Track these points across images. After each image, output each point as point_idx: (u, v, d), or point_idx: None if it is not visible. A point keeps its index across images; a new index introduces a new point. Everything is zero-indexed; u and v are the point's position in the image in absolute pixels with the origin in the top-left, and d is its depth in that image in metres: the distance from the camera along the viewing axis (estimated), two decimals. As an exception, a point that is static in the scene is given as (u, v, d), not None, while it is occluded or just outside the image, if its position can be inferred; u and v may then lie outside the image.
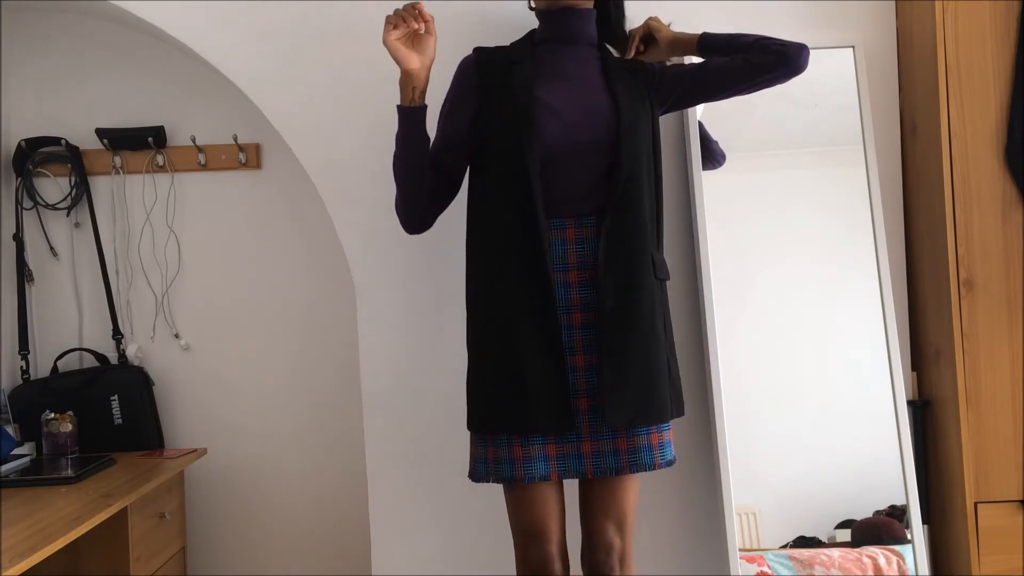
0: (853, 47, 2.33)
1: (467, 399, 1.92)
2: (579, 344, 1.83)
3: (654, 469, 1.85)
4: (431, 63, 1.86)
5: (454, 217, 2.05)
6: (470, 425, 1.90)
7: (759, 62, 1.92)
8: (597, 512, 1.87)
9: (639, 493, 1.94)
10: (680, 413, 1.94)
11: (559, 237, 1.84)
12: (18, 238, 2.80)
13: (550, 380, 1.79)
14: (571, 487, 1.95)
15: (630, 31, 2.06)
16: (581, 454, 1.82)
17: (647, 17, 2.09)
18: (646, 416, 1.84)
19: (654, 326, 1.86)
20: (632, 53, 2.04)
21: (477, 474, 1.87)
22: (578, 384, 1.83)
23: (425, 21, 1.83)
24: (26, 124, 2.81)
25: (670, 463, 1.89)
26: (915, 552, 2.19)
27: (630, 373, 1.82)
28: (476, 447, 1.88)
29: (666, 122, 2.37)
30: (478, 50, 1.98)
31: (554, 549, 1.85)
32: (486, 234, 1.88)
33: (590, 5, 1.96)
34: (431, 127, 1.96)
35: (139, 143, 2.80)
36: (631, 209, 1.84)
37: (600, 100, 1.87)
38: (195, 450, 2.73)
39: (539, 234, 1.79)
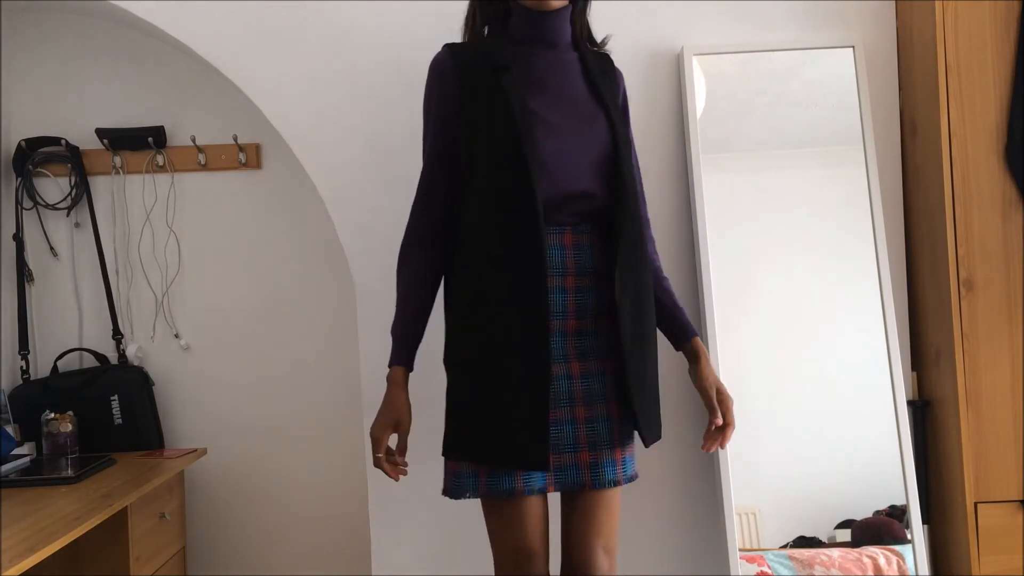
0: (853, 47, 2.33)
1: (446, 421, 1.81)
2: (573, 352, 1.77)
3: (632, 481, 1.82)
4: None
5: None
6: (445, 451, 1.80)
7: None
8: (587, 532, 1.78)
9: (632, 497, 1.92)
10: None
11: (557, 242, 1.76)
12: (18, 238, 2.80)
13: (532, 411, 1.69)
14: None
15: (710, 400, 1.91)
16: (579, 464, 1.76)
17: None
18: (657, 433, 1.84)
19: (655, 340, 1.85)
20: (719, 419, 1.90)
21: (462, 490, 1.75)
22: (574, 392, 1.77)
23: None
24: (26, 124, 2.82)
25: (636, 475, 1.85)
26: (915, 552, 2.19)
27: (649, 390, 1.80)
28: (459, 463, 1.78)
29: (664, 120, 2.37)
30: (452, 47, 1.85)
31: (543, 566, 1.77)
32: (476, 249, 1.76)
33: (568, 1, 1.84)
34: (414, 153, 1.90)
35: (139, 143, 2.80)
36: (637, 221, 1.80)
37: (593, 113, 1.80)
38: (195, 450, 2.73)
39: (540, 258, 1.69)
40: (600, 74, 1.86)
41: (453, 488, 1.79)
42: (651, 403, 1.81)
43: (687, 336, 1.94)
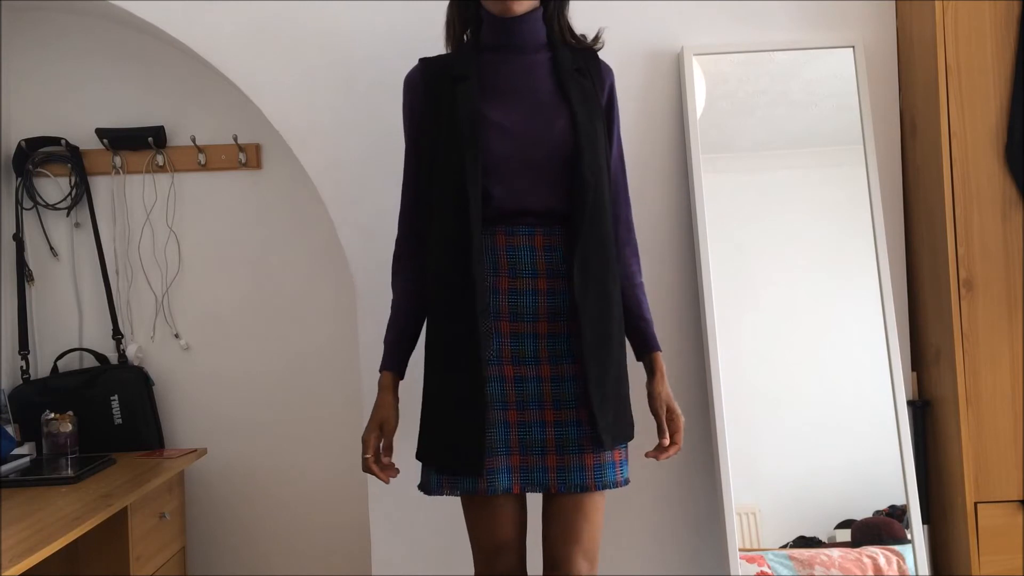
0: (853, 47, 2.33)
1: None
2: (544, 354, 1.78)
3: (616, 487, 1.79)
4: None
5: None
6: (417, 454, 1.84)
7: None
8: (565, 538, 1.78)
9: (631, 498, 1.91)
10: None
11: (527, 243, 1.78)
12: (18, 238, 2.80)
13: (466, 418, 1.72)
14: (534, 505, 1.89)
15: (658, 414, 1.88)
16: (546, 467, 1.75)
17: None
18: (623, 434, 1.81)
19: (622, 342, 1.84)
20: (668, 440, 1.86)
21: (430, 487, 1.79)
22: (544, 395, 1.77)
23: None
24: (26, 124, 2.82)
25: (627, 482, 1.83)
26: (915, 552, 2.19)
27: (610, 393, 1.78)
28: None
29: (664, 120, 2.37)
30: (424, 61, 1.90)
31: (518, 562, 1.80)
32: (431, 254, 1.83)
33: (536, 3, 1.83)
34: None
35: (139, 143, 2.80)
36: (600, 222, 1.79)
37: (556, 113, 1.79)
38: (195, 450, 2.73)
39: (471, 266, 1.72)
40: (572, 73, 1.84)
41: (425, 483, 1.83)
42: (612, 406, 1.78)
43: (647, 349, 1.92)
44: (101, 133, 2.79)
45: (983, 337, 2.14)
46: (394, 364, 1.87)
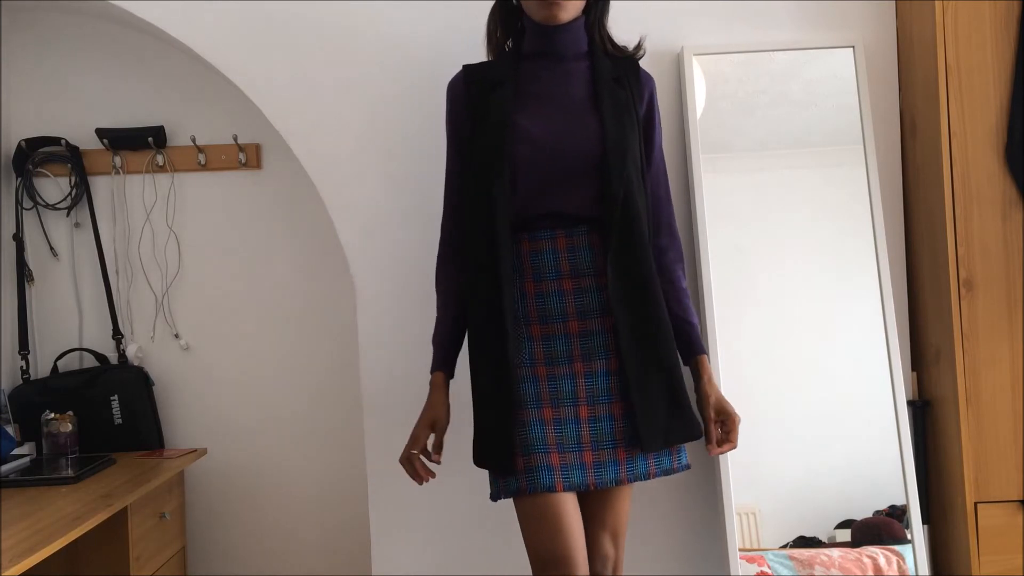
0: (853, 47, 2.33)
1: None
2: (577, 352, 1.80)
3: (648, 479, 1.82)
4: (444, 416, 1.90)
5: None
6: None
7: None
8: (593, 522, 1.84)
9: (632, 498, 1.93)
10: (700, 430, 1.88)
11: (550, 246, 1.81)
12: (18, 238, 2.80)
13: (497, 417, 1.77)
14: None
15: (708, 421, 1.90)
16: (583, 464, 1.77)
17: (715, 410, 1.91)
18: (682, 434, 1.82)
19: (668, 339, 1.83)
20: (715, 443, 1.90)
21: (492, 494, 1.81)
22: (578, 392, 1.80)
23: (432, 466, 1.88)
24: (26, 124, 2.81)
25: (668, 472, 1.84)
26: (915, 552, 2.19)
27: (656, 394, 1.79)
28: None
29: (664, 120, 2.37)
30: (466, 68, 1.94)
31: (577, 572, 1.73)
32: (467, 255, 1.88)
33: (579, 12, 1.87)
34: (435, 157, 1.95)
35: (139, 143, 2.80)
36: (634, 228, 1.80)
37: (586, 121, 1.81)
38: (195, 450, 2.73)
39: (500, 272, 1.76)
40: (609, 82, 1.87)
41: (491, 490, 1.82)
42: (658, 406, 1.79)
43: (691, 354, 1.93)
44: (101, 133, 2.79)
45: (983, 337, 2.14)
46: (445, 364, 1.91)
